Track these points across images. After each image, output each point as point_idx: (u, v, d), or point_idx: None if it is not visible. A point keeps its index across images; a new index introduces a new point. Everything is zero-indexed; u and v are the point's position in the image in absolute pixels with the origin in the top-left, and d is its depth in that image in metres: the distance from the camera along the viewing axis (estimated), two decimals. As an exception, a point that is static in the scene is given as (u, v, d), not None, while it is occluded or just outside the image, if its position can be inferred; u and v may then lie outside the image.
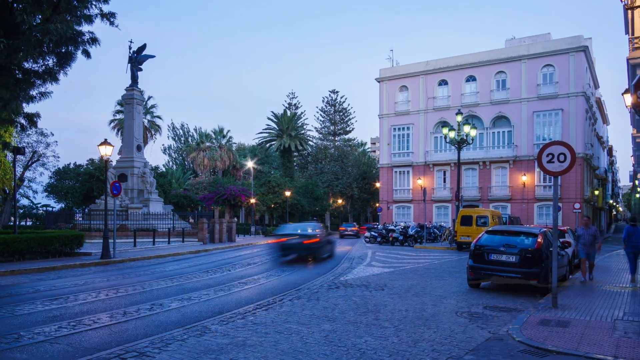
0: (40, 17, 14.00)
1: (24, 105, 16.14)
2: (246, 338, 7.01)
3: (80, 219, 37.17)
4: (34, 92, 15.71)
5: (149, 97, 57.63)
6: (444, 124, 38.83)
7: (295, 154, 69.60)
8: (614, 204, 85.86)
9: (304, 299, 10.38)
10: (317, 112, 71.78)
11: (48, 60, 15.26)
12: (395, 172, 48.46)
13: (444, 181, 45.91)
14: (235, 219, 39.89)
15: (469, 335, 7.37)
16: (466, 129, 28.35)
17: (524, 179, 41.91)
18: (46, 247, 18.01)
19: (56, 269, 15.81)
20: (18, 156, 20.26)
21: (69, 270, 15.78)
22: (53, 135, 47.01)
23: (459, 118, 28.75)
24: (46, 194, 49.93)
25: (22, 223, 47.64)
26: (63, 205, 49.52)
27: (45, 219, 38.11)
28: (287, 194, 47.99)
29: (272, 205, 51.44)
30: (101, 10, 15.44)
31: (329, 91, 73.41)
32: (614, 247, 33.70)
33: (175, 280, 13.39)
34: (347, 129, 72.53)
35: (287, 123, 66.58)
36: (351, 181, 58.41)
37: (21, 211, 49.83)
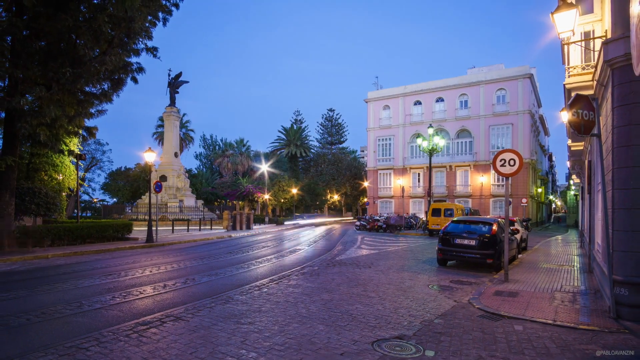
0: (98, 50, 13.99)
1: (84, 120, 16.14)
2: (261, 305, 7.00)
3: (130, 211, 37.13)
4: (92, 110, 15.72)
5: (184, 114, 57.77)
6: (419, 135, 38.97)
7: (300, 159, 69.65)
8: (553, 199, 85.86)
9: (307, 274, 10.36)
10: (318, 127, 72.13)
11: (104, 85, 15.27)
12: (380, 174, 48.44)
13: (419, 181, 45.89)
14: (253, 211, 39.83)
15: (438, 304, 7.37)
16: (436, 139, 28.32)
17: (482, 179, 41.88)
18: (102, 233, 17.99)
19: (110, 250, 15.80)
20: (80, 161, 20.22)
21: (121, 252, 15.78)
22: (108, 144, 47.36)
23: (431, 131, 28.73)
24: (102, 191, 50.16)
25: (83, 214, 47.59)
26: (116, 200, 49.58)
27: (102, 211, 38.08)
28: (294, 191, 47.98)
29: (282, 200, 51.37)
30: (146, 45, 15.50)
31: (327, 110, 73.92)
32: (552, 234, 33.66)
33: (205, 260, 13.36)
34: (341, 139, 72.87)
35: (294, 135, 66.69)
36: (344, 181, 58.51)
37: (82, 205, 49.76)
